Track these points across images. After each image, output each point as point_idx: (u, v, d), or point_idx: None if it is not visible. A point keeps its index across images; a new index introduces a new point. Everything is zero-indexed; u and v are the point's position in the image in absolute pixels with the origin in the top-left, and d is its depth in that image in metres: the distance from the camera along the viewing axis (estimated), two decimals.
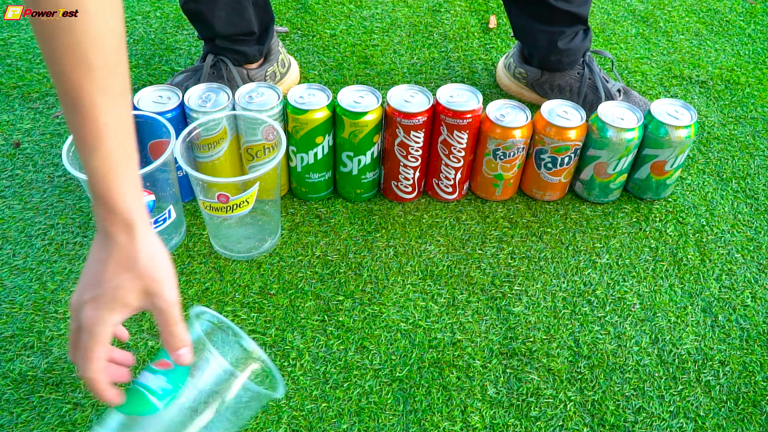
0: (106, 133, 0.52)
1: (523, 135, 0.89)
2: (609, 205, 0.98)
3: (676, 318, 0.83)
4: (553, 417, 0.73)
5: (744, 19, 1.41)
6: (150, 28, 1.32)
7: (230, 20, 1.00)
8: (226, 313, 0.81)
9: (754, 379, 0.78)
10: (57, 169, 1.00)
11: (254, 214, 0.84)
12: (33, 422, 0.70)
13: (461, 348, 0.79)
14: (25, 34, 1.29)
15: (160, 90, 0.90)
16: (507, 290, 0.86)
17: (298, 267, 0.87)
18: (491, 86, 1.19)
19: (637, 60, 1.28)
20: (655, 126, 0.90)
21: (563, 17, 1.02)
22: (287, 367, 0.76)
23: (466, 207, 0.97)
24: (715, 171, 1.05)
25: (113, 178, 0.53)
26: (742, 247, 0.93)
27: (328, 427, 0.71)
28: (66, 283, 0.84)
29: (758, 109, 1.18)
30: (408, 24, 1.35)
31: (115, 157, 0.53)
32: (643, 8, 1.43)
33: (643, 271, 0.89)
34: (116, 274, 0.53)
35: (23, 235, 0.90)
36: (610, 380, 0.77)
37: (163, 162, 0.78)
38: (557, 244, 0.92)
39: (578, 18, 1.03)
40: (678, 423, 0.73)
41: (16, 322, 0.80)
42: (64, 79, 0.51)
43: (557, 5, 1.00)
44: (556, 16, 1.02)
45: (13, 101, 1.12)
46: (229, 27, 1.01)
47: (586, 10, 1.03)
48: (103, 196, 0.53)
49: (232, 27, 1.01)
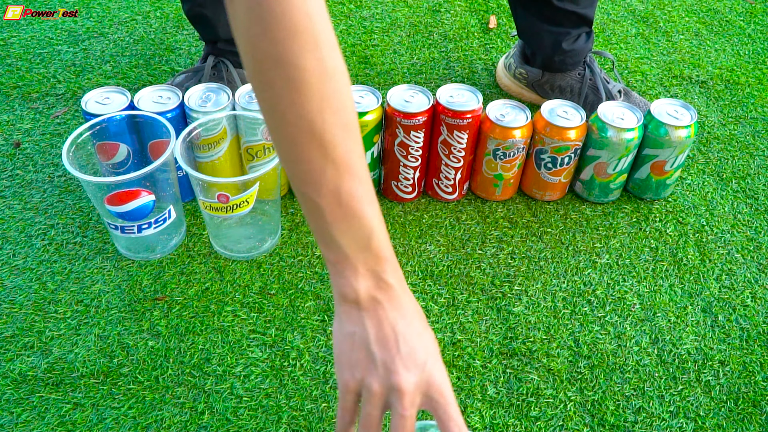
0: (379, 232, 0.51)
1: (523, 135, 0.89)
2: (609, 205, 0.98)
3: (676, 318, 0.83)
4: (553, 417, 0.73)
5: (744, 19, 1.41)
6: (150, 28, 1.32)
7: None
8: (226, 313, 0.81)
9: (754, 379, 0.78)
10: (57, 169, 1.00)
11: (254, 214, 0.84)
12: (33, 422, 0.70)
13: (461, 348, 0.79)
14: (25, 34, 1.29)
15: (161, 90, 0.90)
16: (507, 290, 0.86)
17: (298, 267, 0.87)
18: (491, 86, 1.19)
19: (637, 60, 1.28)
20: (655, 126, 0.90)
21: (569, 18, 1.02)
22: (287, 367, 0.76)
23: (466, 207, 0.97)
24: (715, 171, 1.05)
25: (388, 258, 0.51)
26: (742, 247, 0.93)
27: (328, 427, 0.71)
28: (66, 283, 0.84)
29: (758, 109, 1.18)
30: (408, 24, 1.35)
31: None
32: (643, 8, 1.44)
33: (643, 271, 0.89)
34: (421, 331, 0.51)
35: (23, 235, 0.90)
36: (610, 380, 0.77)
37: (163, 162, 0.78)
38: (557, 244, 0.92)
39: (584, 19, 1.03)
40: (678, 423, 0.73)
41: (16, 322, 0.80)
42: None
43: (563, 6, 1.00)
44: (562, 16, 1.02)
45: (13, 101, 1.13)
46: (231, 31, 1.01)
47: (591, 11, 1.03)
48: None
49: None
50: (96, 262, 0.87)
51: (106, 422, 0.71)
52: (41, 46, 1.26)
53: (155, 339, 0.78)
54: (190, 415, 0.72)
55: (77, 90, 1.15)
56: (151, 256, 0.87)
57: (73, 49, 1.26)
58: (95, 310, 0.81)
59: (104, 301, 0.82)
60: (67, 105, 1.12)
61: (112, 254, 0.88)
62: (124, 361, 0.76)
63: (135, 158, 0.88)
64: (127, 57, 1.24)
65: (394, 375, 0.48)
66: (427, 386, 0.49)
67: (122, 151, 0.86)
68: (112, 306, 0.82)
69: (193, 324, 0.80)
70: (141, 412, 0.72)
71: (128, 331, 0.79)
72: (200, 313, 0.81)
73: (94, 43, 1.27)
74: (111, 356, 0.76)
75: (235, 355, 0.77)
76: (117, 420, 0.71)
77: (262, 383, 0.75)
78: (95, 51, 1.25)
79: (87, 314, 0.81)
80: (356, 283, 0.49)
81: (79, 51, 1.25)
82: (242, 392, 0.74)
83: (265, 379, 0.75)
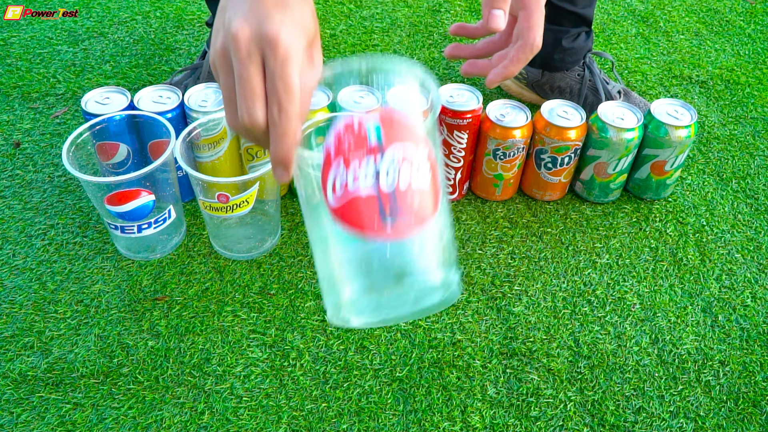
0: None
1: (523, 135, 0.89)
2: (609, 205, 0.98)
3: (676, 318, 0.83)
4: (553, 417, 0.73)
5: (744, 19, 1.41)
6: (150, 28, 1.32)
7: None
8: (226, 313, 0.81)
9: (754, 379, 0.78)
10: (57, 169, 1.00)
11: (254, 214, 0.84)
12: (33, 422, 0.70)
13: (461, 348, 0.79)
14: (25, 34, 1.29)
15: (160, 90, 0.90)
16: (507, 290, 0.86)
17: (298, 267, 0.87)
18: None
19: (637, 60, 1.28)
20: (655, 126, 0.90)
21: (568, 18, 1.03)
22: (287, 367, 0.76)
23: (466, 207, 0.97)
24: (715, 171, 1.05)
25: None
26: (742, 247, 0.93)
27: (328, 427, 0.71)
28: (66, 283, 0.84)
29: (758, 109, 1.18)
30: (408, 24, 1.35)
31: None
32: (643, 8, 1.44)
33: (643, 271, 0.89)
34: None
35: (23, 235, 0.90)
36: (610, 380, 0.77)
37: (163, 162, 0.78)
38: (557, 244, 0.92)
39: (583, 19, 1.04)
40: (678, 423, 0.73)
41: (16, 322, 0.80)
42: None
43: (562, 5, 1.01)
44: (561, 16, 1.03)
45: (13, 101, 1.13)
46: None
47: (590, 11, 1.04)
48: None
49: None
50: (96, 262, 0.87)
51: (106, 422, 0.71)
52: (41, 46, 1.26)
53: (155, 339, 0.78)
54: (190, 415, 0.72)
55: (77, 90, 1.15)
56: (151, 256, 0.87)
57: (73, 49, 1.26)
58: (95, 310, 0.81)
59: (104, 301, 0.82)
60: (67, 105, 1.12)
61: (112, 254, 0.88)
62: (124, 361, 0.76)
63: (135, 158, 0.88)
64: (127, 57, 1.24)
65: (231, 23, 0.44)
66: (259, 38, 0.44)
67: (122, 151, 0.86)
68: (112, 306, 0.82)
69: (193, 324, 0.80)
70: (141, 412, 0.72)
71: (128, 331, 0.79)
72: (200, 313, 0.81)
73: (94, 43, 1.28)
74: (111, 356, 0.76)
75: (235, 355, 0.77)
76: (117, 420, 0.71)
77: (262, 383, 0.75)
78: (95, 51, 1.26)
79: (87, 314, 0.81)
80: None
81: (79, 51, 1.25)
82: (242, 392, 0.74)
83: (265, 379, 0.75)
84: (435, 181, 0.47)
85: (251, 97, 0.45)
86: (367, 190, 0.45)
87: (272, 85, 0.44)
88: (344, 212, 0.46)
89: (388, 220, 0.45)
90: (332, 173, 0.46)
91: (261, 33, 0.44)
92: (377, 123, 0.46)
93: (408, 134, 0.47)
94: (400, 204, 0.45)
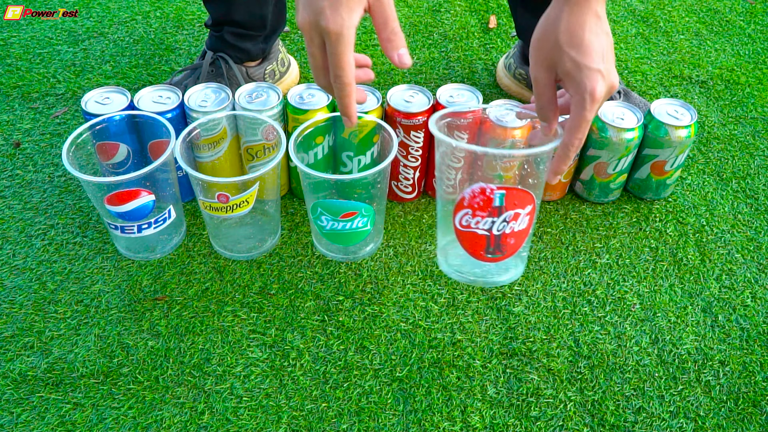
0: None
1: (523, 135, 0.89)
2: (609, 205, 0.98)
3: (676, 318, 0.83)
4: (553, 417, 0.73)
5: (744, 19, 1.41)
6: (150, 28, 1.32)
7: (249, 8, 1.00)
8: (226, 313, 0.81)
9: (754, 379, 0.78)
10: (57, 169, 1.00)
11: (254, 214, 0.84)
12: (33, 422, 0.70)
13: (461, 348, 0.79)
14: (25, 34, 1.29)
15: (160, 90, 0.90)
16: (507, 290, 0.86)
17: (298, 267, 0.87)
18: (491, 86, 1.19)
19: (637, 60, 1.28)
20: (655, 126, 0.90)
21: None
22: (287, 367, 0.76)
23: None
24: (715, 171, 1.05)
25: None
26: (742, 247, 0.93)
27: (328, 427, 0.71)
28: (66, 283, 0.84)
29: (758, 109, 1.18)
30: (408, 24, 1.35)
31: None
32: (643, 8, 1.44)
33: (643, 271, 0.89)
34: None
35: (23, 235, 0.90)
36: (610, 380, 0.77)
37: (163, 162, 0.78)
38: (557, 244, 0.92)
39: None
40: (678, 423, 0.73)
41: (16, 322, 0.80)
42: None
43: None
44: None
45: (13, 101, 1.13)
46: (245, 15, 1.01)
47: None
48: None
49: (248, 15, 1.01)
50: (96, 262, 0.87)
51: (106, 422, 0.71)
52: (41, 46, 1.26)
53: (155, 339, 0.78)
54: (190, 415, 0.72)
55: (77, 90, 1.15)
56: (151, 256, 0.87)
57: (73, 49, 1.26)
58: (95, 310, 0.81)
59: (104, 301, 0.82)
60: (67, 105, 1.12)
61: (112, 254, 0.88)
62: (124, 361, 0.76)
63: (135, 158, 0.88)
64: (127, 57, 1.24)
65: (297, 14, 0.64)
66: (316, 26, 0.62)
67: (122, 151, 0.86)
68: (112, 306, 0.82)
69: (193, 324, 0.80)
70: (141, 412, 0.72)
71: (128, 331, 0.79)
72: (200, 313, 0.81)
73: (94, 43, 1.28)
74: (111, 356, 0.76)
75: (235, 355, 0.77)
76: (117, 420, 0.71)
77: (262, 383, 0.75)
78: (95, 51, 1.26)
79: (87, 314, 0.81)
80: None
81: (79, 51, 1.25)
82: (242, 392, 0.74)
83: (265, 379, 0.75)
84: (529, 225, 0.71)
85: (315, 69, 0.67)
86: (483, 231, 0.69)
87: (330, 61, 0.63)
88: (462, 237, 0.71)
89: (489, 254, 0.71)
90: (460, 213, 0.69)
91: (315, 22, 0.61)
92: (503, 192, 0.67)
93: (522, 201, 0.68)
94: (501, 243, 0.70)
